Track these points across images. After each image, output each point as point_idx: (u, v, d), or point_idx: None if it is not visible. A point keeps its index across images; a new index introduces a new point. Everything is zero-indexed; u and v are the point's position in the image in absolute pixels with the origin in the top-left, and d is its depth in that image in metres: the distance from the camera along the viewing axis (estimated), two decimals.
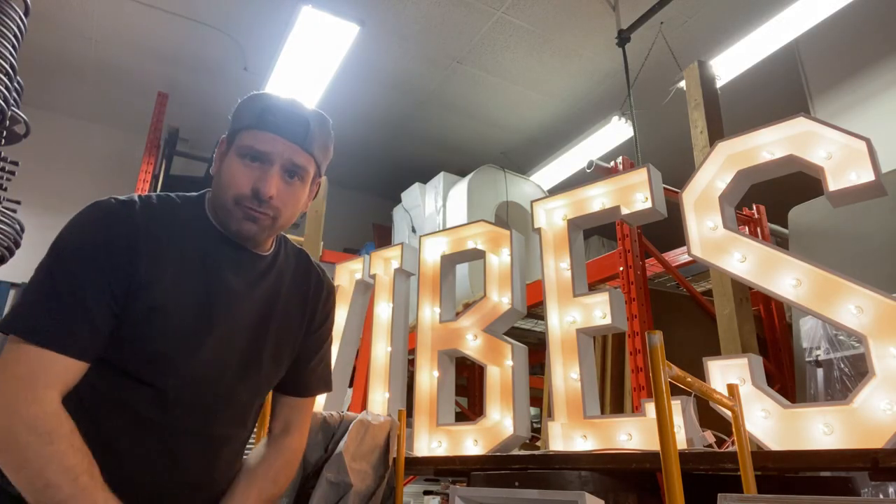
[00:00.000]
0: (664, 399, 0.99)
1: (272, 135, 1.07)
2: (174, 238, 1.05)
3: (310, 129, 1.10)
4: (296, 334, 1.21)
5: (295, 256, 1.25)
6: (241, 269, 1.12)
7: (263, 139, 1.07)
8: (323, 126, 1.14)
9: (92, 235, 1.00)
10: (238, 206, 1.06)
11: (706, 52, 4.14)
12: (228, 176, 1.07)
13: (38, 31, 4.33)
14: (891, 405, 1.34)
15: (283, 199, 1.09)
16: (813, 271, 1.55)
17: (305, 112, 1.11)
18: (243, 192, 1.06)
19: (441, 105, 5.33)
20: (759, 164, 1.76)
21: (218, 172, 1.11)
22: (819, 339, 2.43)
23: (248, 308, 1.11)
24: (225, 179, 1.08)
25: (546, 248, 2.11)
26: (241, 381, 1.11)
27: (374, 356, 2.46)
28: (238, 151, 1.08)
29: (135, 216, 1.03)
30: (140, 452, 1.02)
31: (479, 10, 4.23)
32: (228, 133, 1.12)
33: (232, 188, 1.06)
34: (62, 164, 5.29)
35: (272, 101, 1.10)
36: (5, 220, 2.06)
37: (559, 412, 1.88)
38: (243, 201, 1.06)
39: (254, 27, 4.41)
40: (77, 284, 0.97)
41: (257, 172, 1.06)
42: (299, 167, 1.09)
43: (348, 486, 1.88)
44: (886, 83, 3.63)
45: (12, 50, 2.03)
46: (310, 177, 1.14)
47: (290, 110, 1.09)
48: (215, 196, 1.11)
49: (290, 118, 1.08)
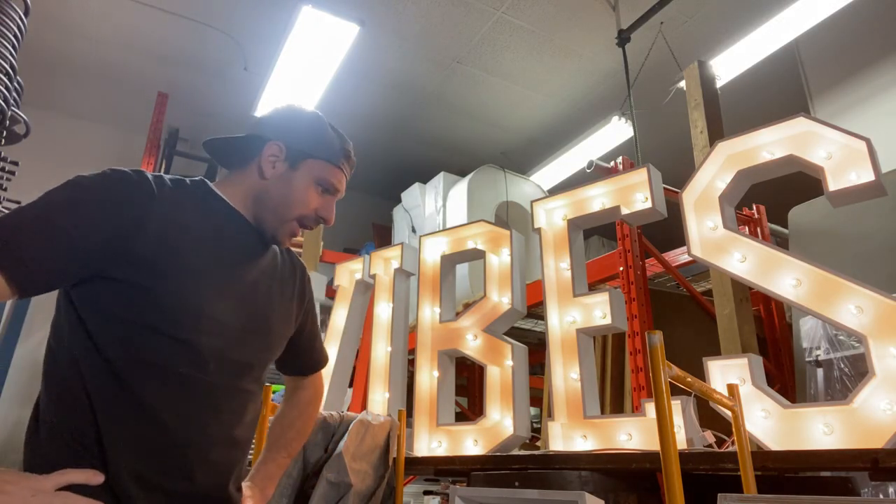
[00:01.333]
0: (664, 399, 0.99)
1: (344, 175, 1.23)
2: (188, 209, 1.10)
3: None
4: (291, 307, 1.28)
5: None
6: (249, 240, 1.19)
7: (339, 178, 1.22)
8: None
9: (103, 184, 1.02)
10: (295, 222, 1.19)
11: (706, 52, 4.14)
12: (300, 195, 1.18)
13: (38, 31, 4.33)
14: (891, 405, 1.34)
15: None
16: (813, 271, 1.55)
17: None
18: (309, 214, 1.19)
19: (441, 105, 5.33)
20: (759, 164, 1.76)
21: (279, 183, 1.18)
22: (819, 339, 2.43)
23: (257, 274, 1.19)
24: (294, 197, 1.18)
25: (546, 248, 2.12)
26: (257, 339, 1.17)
27: (374, 356, 2.46)
28: (317, 181, 1.19)
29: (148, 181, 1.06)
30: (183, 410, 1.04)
31: (479, 10, 4.23)
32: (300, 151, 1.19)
33: (300, 207, 1.18)
34: (62, 164, 5.27)
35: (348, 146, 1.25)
36: None
37: (559, 412, 1.88)
38: (305, 221, 1.19)
39: (254, 27, 4.41)
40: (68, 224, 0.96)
41: (325, 202, 1.21)
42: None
43: (348, 486, 1.88)
44: (886, 83, 3.63)
45: (12, 50, 2.03)
46: None
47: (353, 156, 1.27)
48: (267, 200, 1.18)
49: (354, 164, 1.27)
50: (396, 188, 5.52)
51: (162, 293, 1.02)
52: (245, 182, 1.19)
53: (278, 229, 1.18)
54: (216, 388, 1.08)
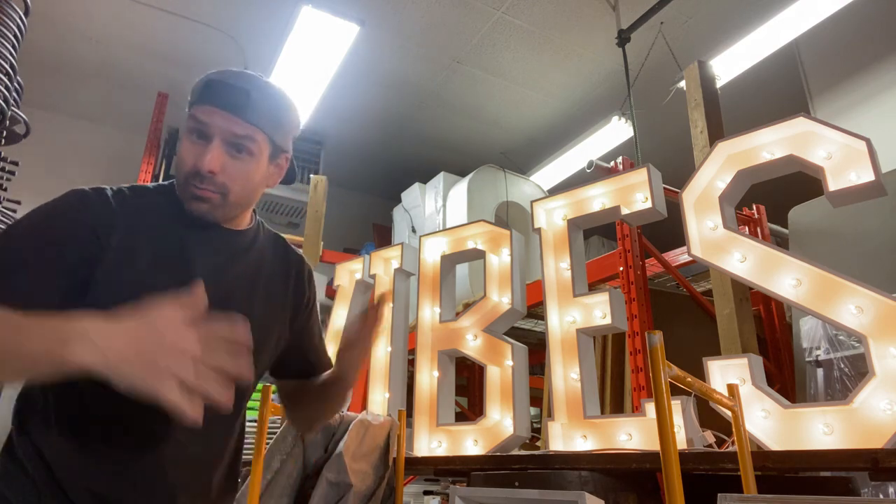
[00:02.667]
0: (664, 399, 0.99)
1: (210, 107, 1.03)
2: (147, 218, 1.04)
3: (250, 98, 1.04)
4: (282, 314, 1.19)
5: (272, 239, 1.23)
6: (217, 246, 1.09)
7: (203, 112, 1.03)
8: (269, 96, 1.08)
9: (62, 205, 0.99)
10: (187, 184, 1.04)
11: (706, 52, 4.14)
12: (179, 156, 1.06)
13: (38, 31, 4.33)
14: (891, 405, 1.34)
15: (229, 173, 1.04)
16: (813, 271, 1.55)
17: (247, 83, 1.06)
18: (189, 169, 1.03)
19: (441, 105, 5.32)
20: (759, 164, 1.76)
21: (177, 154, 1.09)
22: (819, 339, 2.43)
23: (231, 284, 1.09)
24: (177, 159, 1.07)
25: (546, 248, 2.11)
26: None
27: (374, 356, 2.46)
28: (186, 128, 1.05)
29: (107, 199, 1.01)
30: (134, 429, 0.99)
31: (479, 10, 4.23)
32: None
33: (181, 167, 1.04)
34: (62, 164, 5.28)
35: (215, 75, 1.07)
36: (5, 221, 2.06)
37: (559, 412, 1.88)
38: (190, 179, 1.03)
39: (254, 27, 4.41)
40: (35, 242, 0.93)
41: (199, 149, 1.03)
42: (241, 138, 1.04)
43: (348, 486, 1.88)
44: (886, 83, 3.62)
45: (12, 50, 2.03)
46: (260, 149, 1.07)
47: (229, 81, 1.05)
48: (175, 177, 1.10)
49: (228, 89, 1.04)
50: (396, 188, 5.52)
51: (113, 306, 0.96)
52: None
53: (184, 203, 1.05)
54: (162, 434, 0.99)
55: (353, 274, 2.67)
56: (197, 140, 1.04)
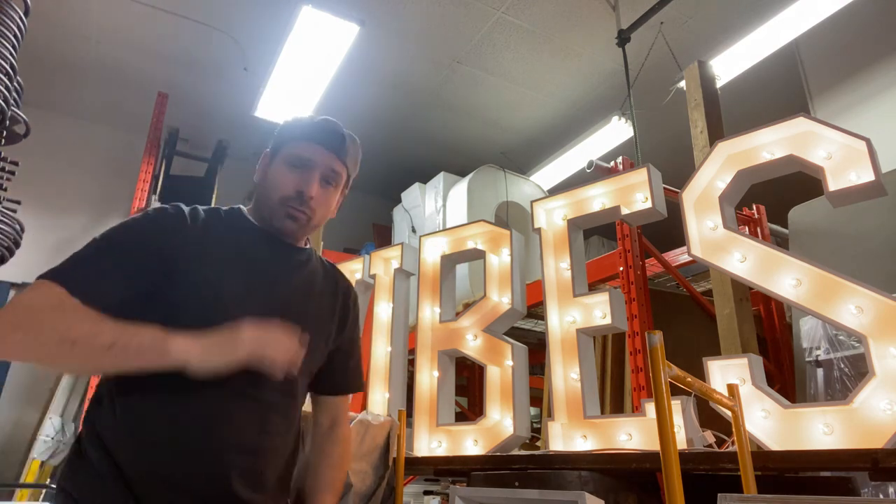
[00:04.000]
0: (664, 399, 0.99)
1: (316, 145, 1.25)
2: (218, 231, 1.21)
3: (345, 142, 1.29)
4: (329, 327, 1.34)
5: (321, 261, 1.41)
6: (281, 258, 1.26)
7: (308, 149, 1.24)
8: (355, 143, 1.34)
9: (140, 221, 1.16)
10: (283, 205, 1.22)
11: (706, 52, 4.14)
12: (275, 180, 1.24)
13: (38, 31, 4.33)
14: (891, 405, 1.34)
15: (319, 200, 1.25)
16: (813, 271, 1.55)
17: (341, 128, 1.30)
18: (289, 193, 1.22)
19: (441, 105, 5.33)
20: (759, 164, 1.76)
21: (263, 179, 1.28)
22: (819, 339, 2.43)
23: (289, 291, 1.25)
24: (271, 183, 1.25)
25: (546, 248, 2.11)
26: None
27: (374, 356, 2.46)
28: (285, 160, 1.25)
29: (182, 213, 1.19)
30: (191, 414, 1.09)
31: (479, 10, 4.23)
32: (272, 147, 1.29)
33: (279, 190, 1.23)
34: (62, 164, 5.28)
35: (314, 119, 1.29)
36: (5, 220, 2.06)
37: (559, 412, 1.88)
38: (288, 201, 1.22)
39: (254, 27, 4.41)
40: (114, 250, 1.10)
41: (301, 177, 1.23)
42: (335, 173, 1.27)
43: (348, 486, 1.88)
44: (886, 83, 3.62)
45: (12, 50, 2.03)
46: (342, 184, 1.32)
47: (329, 126, 1.28)
48: (261, 199, 1.27)
49: (329, 132, 1.27)
50: (396, 188, 5.52)
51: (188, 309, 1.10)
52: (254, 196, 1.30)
53: (273, 220, 1.24)
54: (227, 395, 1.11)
55: (353, 274, 2.67)
56: (294, 169, 1.24)
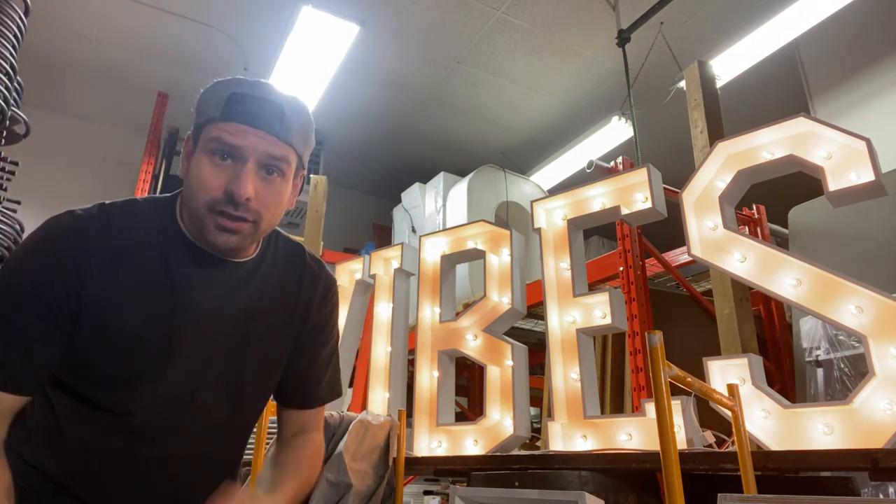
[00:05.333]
0: (664, 399, 0.99)
1: (242, 126, 0.91)
2: (135, 252, 0.94)
3: (285, 116, 0.94)
4: (283, 345, 1.09)
5: (286, 256, 1.10)
6: (215, 282, 0.99)
7: (233, 131, 0.91)
8: (300, 111, 0.97)
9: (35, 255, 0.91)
10: (211, 212, 0.91)
11: (706, 52, 4.14)
12: (197, 178, 0.92)
13: (38, 31, 4.33)
14: (891, 405, 1.34)
15: (262, 199, 0.93)
16: (813, 271, 1.55)
17: (278, 97, 0.95)
18: (216, 195, 0.91)
19: (441, 105, 5.32)
20: (759, 164, 1.76)
21: (186, 175, 0.96)
22: (819, 339, 2.43)
23: (224, 324, 1.00)
24: (194, 183, 0.93)
25: (546, 248, 2.11)
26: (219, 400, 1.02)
27: (374, 356, 2.46)
28: (206, 148, 0.92)
29: (87, 230, 0.92)
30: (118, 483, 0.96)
31: (479, 10, 4.23)
32: (193, 128, 0.97)
33: (202, 192, 0.91)
34: (62, 164, 5.28)
35: (238, 88, 0.93)
36: (5, 220, 2.06)
37: (559, 412, 1.88)
38: (217, 206, 0.91)
39: (254, 27, 4.41)
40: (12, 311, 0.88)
41: (230, 171, 0.91)
42: (278, 160, 0.94)
43: (348, 486, 1.88)
44: (886, 83, 3.62)
45: (12, 50, 2.03)
46: (291, 170, 0.98)
47: (260, 96, 0.93)
48: (186, 202, 0.96)
49: (260, 105, 0.92)
50: (396, 188, 5.52)
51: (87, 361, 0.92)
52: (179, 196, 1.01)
53: (204, 234, 0.94)
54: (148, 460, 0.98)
55: (353, 274, 2.67)
56: (221, 161, 0.92)
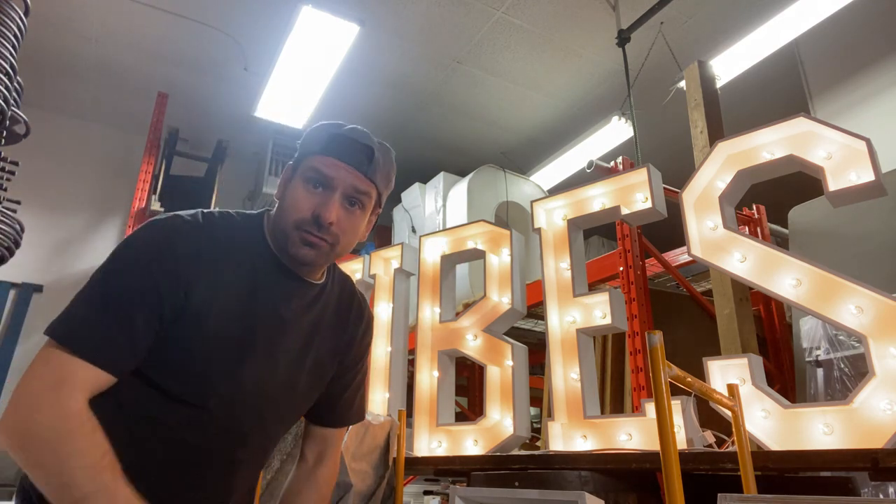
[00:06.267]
0: (664, 399, 0.99)
1: (337, 161, 1.08)
2: (230, 261, 1.06)
3: (373, 157, 1.11)
4: (329, 367, 1.21)
5: (340, 284, 1.25)
6: (293, 297, 1.11)
7: (328, 164, 1.08)
8: (386, 155, 1.15)
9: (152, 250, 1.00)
10: (298, 230, 1.06)
11: (706, 52, 4.14)
12: (291, 200, 1.08)
13: (38, 31, 4.33)
14: (891, 405, 1.34)
15: (342, 226, 1.08)
16: (813, 271, 1.55)
17: (370, 140, 1.12)
18: (304, 216, 1.06)
19: (441, 105, 5.32)
20: (759, 164, 1.76)
21: (282, 197, 1.11)
22: (819, 339, 2.43)
23: (294, 338, 1.11)
24: (288, 203, 1.08)
25: (546, 248, 2.11)
26: (275, 409, 1.12)
27: (374, 356, 2.46)
28: (303, 176, 1.09)
29: (199, 236, 1.04)
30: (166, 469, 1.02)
31: (479, 10, 4.23)
32: (294, 160, 1.13)
33: (294, 213, 1.07)
34: (62, 164, 5.28)
35: (339, 129, 1.11)
36: (5, 220, 2.06)
37: (559, 412, 1.88)
38: (303, 226, 1.06)
39: (254, 27, 4.41)
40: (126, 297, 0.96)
41: (319, 199, 1.07)
42: (361, 194, 1.10)
43: (348, 486, 1.88)
44: (886, 83, 3.62)
45: (12, 50, 2.03)
46: (370, 205, 1.14)
47: (355, 138, 1.10)
48: (277, 220, 1.10)
49: (354, 145, 1.09)
50: (396, 188, 5.49)
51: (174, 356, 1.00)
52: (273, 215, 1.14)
53: (287, 247, 1.08)
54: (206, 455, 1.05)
55: (354, 274, 2.67)
56: (314, 189, 1.07)
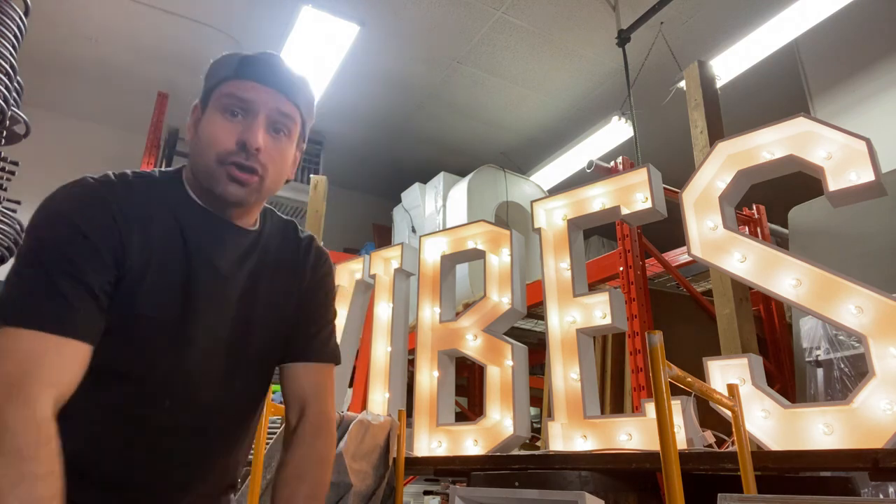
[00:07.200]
0: (664, 399, 0.99)
1: (254, 83, 0.99)
2: (155, 218, 0.97)
3: (294, 80, 1.03)
4: (286, 310, 1.11)
5: (281, 230, 1.15)
6: (226, 247, 1.03)
7: (245, 87, 0.98)
8: (305, 81, 1.06)
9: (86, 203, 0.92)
10: (222, 165, 0.96)
11: (706, 52, 4.14)
12: (208, 134, 0.98)
13: (38, 31, 4.33)
14: (891, 405, 1.34)
15: (270, 154, 0.99)
16: (813, 271, 1.55)
17: (287, 64, 1.04)
18: (227, 147, 0.96)
19: (441, 105, 5.33)
20: (759, 164, 1.76)
21: (196, 137, 1.01)
22: (819, 339, 2.43)
23: (233, 291, 1.03)
24: (205, 139, 0.98)
25: (546, 248, 2.12)
26: (232, 370, 1.04)
27: (374, 356, 2.46)
28: (218, 105, 0.99)
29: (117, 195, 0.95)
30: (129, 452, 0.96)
31: (479, 10, 4.23)
32: (202, 95, 1.03)
33: (214, 146, 0.97)
34: (62, 164, 5.27)
35: (250, 54, 1.02)
36: (5, 220, 2.05)
37: (559, 412, 1.88)
38: (228, 158, 0.96)
39: (254, 27, 4.41)
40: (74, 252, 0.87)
41: (241, 126, 0.98)
42: (286, 117, 1.01)
43: (348, 486, 1.88)
44: (886, 83, 3.62)
45: (12, 50, 2.03)
46: (296, 132, 1.05)
47: (270, 61, 1.02)
48: (195, 162, 1.01)
49: (272, 67, 1.01)
50: (396, 188, 5.52)
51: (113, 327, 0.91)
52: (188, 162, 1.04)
53: (213, 187, 0.98)
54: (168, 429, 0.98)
55: (353, 274, 2.67)
56: (233, 118, 0.98)
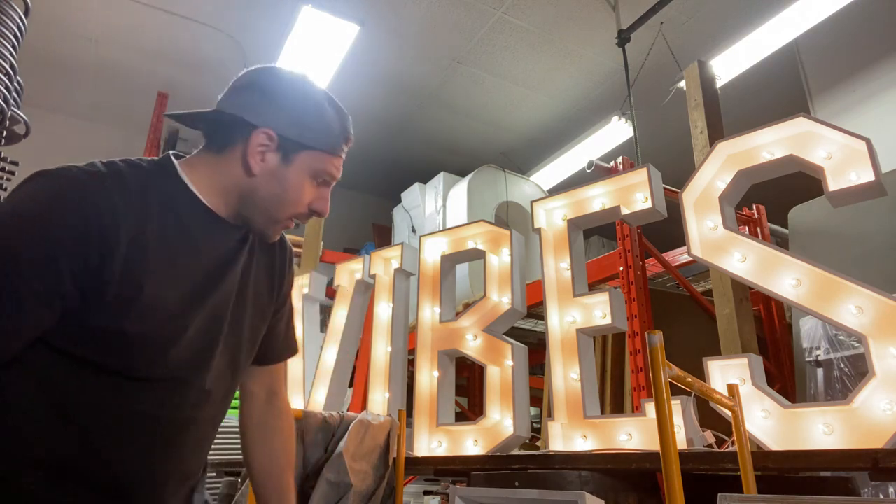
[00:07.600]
0: (664, 399, 0.99)
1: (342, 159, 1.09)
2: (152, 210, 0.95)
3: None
4: (269, 305, 1.17)
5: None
6: (221, 241, 1.04)
7: (338, 165, 1.07)
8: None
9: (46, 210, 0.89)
10: (289, 220, 1.06)
11: (706, 52, 4.15)
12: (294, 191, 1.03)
13: (38, 31, 4.33)
14: (891, 405, 1.34)
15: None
16: (813, 271, 1.55)
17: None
18: (303, 210, 1.06)
19: (441, 105, 5.33)
20: (759, 164, 1.76)
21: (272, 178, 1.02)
22: (819, 339, 2.43)
23: (230, 283, 1.05)
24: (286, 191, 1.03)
25: (546, 248, 2.11)
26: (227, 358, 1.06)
27: (374, 356, 2.46)
28: (310, 171, 1.04)
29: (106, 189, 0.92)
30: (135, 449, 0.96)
31: (479, 10, 4.23)
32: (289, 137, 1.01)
33: (295, 205, 1.04)
34: (62, 164, 5.28)
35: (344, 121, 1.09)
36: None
37: (559, 412, 1.88)
38: (295, 216, 1.06)
39: (254, 27, 4.41)
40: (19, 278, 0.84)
41: (319, 192, 1.07)
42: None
43: (348, 486, 1.88)
44: (886, 83, 3.63)
45: (12, 50, 2.03)
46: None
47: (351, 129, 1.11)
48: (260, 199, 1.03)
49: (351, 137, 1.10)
50: (396, 188, 5.52)
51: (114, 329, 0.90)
52: (225, 173, 1.03)
53: (269, 228, 1.06)
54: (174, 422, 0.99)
55: (353, 274, 2.67)
56: (319, 186, 1.06)
